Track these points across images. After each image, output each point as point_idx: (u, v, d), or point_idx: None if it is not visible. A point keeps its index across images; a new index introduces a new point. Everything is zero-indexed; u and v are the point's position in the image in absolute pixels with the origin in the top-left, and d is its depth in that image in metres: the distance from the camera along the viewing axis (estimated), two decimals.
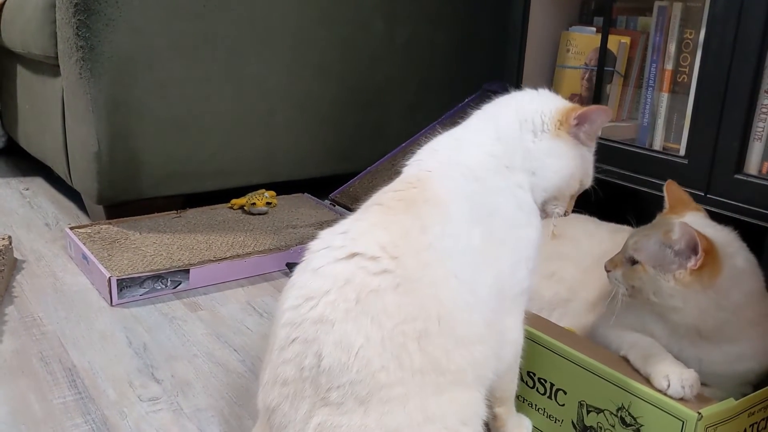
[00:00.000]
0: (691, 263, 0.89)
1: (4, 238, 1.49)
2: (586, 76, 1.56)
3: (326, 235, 0.87)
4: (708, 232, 0.92)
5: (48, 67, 1.74)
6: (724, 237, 0.95)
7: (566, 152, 0.93)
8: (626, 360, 0.93)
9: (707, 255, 0.88)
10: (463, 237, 0.84)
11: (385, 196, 0.89)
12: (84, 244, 1.50)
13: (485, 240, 0.86)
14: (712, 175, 1.24)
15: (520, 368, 0.98)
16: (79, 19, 1.49)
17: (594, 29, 1.56)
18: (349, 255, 0.81)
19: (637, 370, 0.91)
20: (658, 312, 0.94)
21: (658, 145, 1.42)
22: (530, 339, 0.98)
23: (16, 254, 1.55)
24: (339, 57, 1.86)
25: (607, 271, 0.99)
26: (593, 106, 0.92)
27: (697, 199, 1.25)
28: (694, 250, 0.89)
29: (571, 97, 1.59)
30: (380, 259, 0.80)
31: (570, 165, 0.93)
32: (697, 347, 0.93)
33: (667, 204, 1.04)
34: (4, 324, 1.27)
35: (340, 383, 0.77)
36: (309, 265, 0.84)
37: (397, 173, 0.94)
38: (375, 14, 1.88)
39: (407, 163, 0.95)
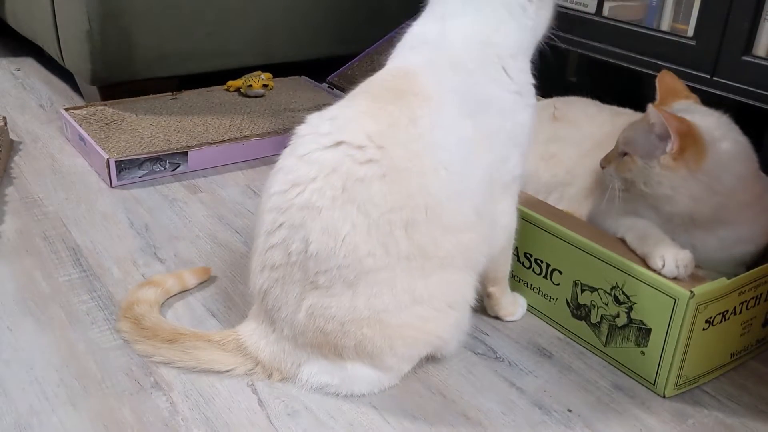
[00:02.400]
0: (669, 147, 0.89)
1: None
2: None
3: (314, 120, 0.86)
4: (694, 118, 0.92)
5: None
6: (712, 122, 0.94)
7: None
8: (623, 241, 0.95)
9: (685, 137, 0.89)
10: (454, 129, 0.84)
11: (373, 85, 0.87)
12: (80, 125, 1.48)
13: (477, 131, 0.85)
14: (719, 56, 1.21)
15: (517, 249, 1.00)
16: None
17: None
18: (335, 143, 0.80)
19: (633, 251, 0.93)
20: (652, 204, 0.94)
21: (666, 25, 1.38)
22: (527, 221, 1.00)
23: (12, 135, 1.54)
24: None
25: (602, 168, 1.00)
26: None
27: (703, 82, 1.23)
28: (669, 134, 0.89)
29: None
30: (366, 148, 0.79)
31: None
32: (692, 235, 0.94)
33: (658, 95, 1.03)
34: (5, 204, 1.27)
35: (328, 267, 0.79)
36: (295, 150, 0.84)
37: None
38: None
39: (394, 53, 0.92)
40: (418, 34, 0.91)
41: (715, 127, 0.92)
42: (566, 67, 1.71)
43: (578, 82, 1.70)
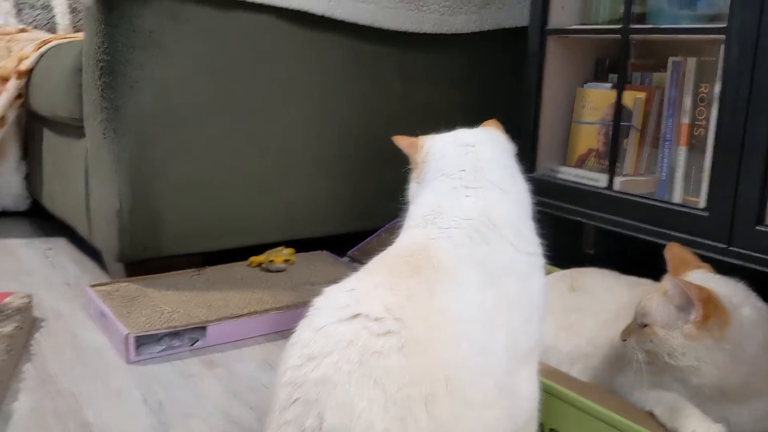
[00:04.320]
0: (693, 315, 0.88)
1: (24, 297, 1.50)
2: (603, 131, 1.57)
3: (330, 292, 0.86)
4: (711, 285, 0.91)
5: (73, 129, 1.79)
6: (729, 288, 0.94)
7: None
8: (652, 415, 0.91)
9: (707, 304, 0.87)
10: (475, 301, 0.83)
11: (390, 258, 0.89)
12: (103, 301, 1.50)
13: (498, 301, 0.85)
14: (733, 227, 1.22)
15: (542, 425, 0.96)
16: (104, 81, 1.54)
17: (609, 85, 1.58)
18: (352, 315, 0.79)
19: (663, 426, 0.88)
20: (679, 377, 0.91)
21: (677, 198, 1.41)
22: (551, 394, 0.96)
23: (35, 313, 1.56)
24: (358, 117, 1.89)
25: (623, 340, 0.98)
26: None
27: (719, 252, 1.24)
28: (692, 302, 0.88)
29: (589, 152, 1.60)
30: (384, 319, 0.78)
31: None
32: (723, 408, 0.90)
33: (669, 267, 1.03)
34: (21, 381, 1.26)
35: None
36: (312, 322, 0.83)
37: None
38: (393, 75, 1.92)
39: (406, 225, 0.95)
40: (429, 207, 0.93)
41: (734, 293, 0.91)
42: (582, 239, 1.73)
43: (595, 255, 1.71)
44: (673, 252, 1.04)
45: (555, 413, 0.96)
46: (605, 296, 1.14)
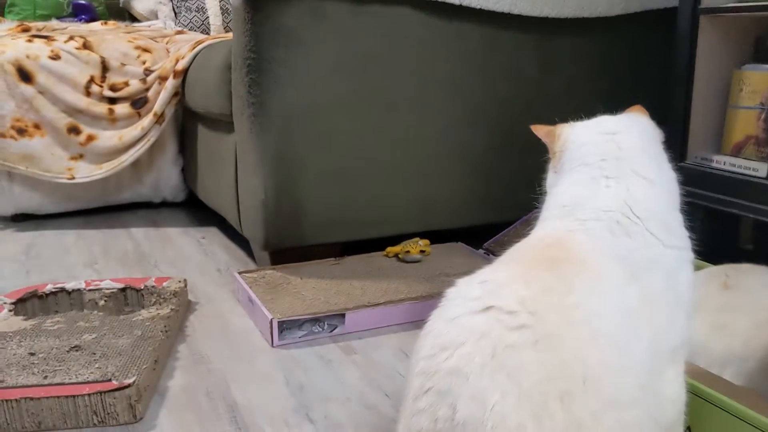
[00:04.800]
0: None
1: (180, 281, 1.61)
2: (763, 116, 1.45)
3: (463, 284, 0.85)
4: None
5: (224, 124, 1.90)
6: None
7: None
8: None
9: None
10: (617, 297, 0.80)
11: (525, 251, 0.87)
12: (250, 287, 1.58)
13: (641, 298, 0.80)
14: None
15: (689, 429, 0.90)
16: (251, 78, 1.62)
17: None
18: (485, 307, 0.78)
19: None
20: None
21: None
22: (700, 396, 0.90)
23: (189, 296, 1.67)
24: (493, 106, 1.87)
25: None
26: None
27: None
28: None
29: (746, 139, 1.48)
30: (518, 313, 0.76)
31: None
32: None
33: None
34: (176, 360, 1.36)
35: None
36: (444, 313, 0.82)
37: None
38: (531, 62, 1.88)
39: (542, 216, 0.92)
40: (567, 197, 0.90)
41: None
42: (738, 233, 1.61)
43: (753, 250, 1.59)
44: None
45: (704, 417, 0.90)
46: (764, 295, 1.05)
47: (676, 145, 1.50)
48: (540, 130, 1.03)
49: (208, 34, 3.15)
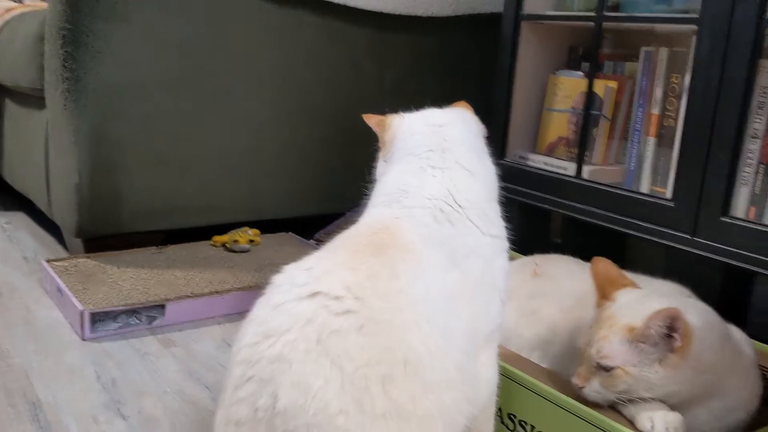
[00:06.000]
0: (677, 343, 0.84)
1: None
2: (573, 119, 1.56)
3: (290, 270, 0.84)
4: (653, 304, 0.87)
5: (34, 99, 1.73)
6: (672, 299, 0.91)
7: None
8: None
9: (685, 328, 0.84)
10: (437, 284, 0.82)
11: (352, 238, 0.87)
12: (60, 277, 1.46)
13: (460, 283, 0.83)
14: (698, 218, 1.22)
15: (500, 410, 0.95)
16: (66, 51, 1.49)
17: (581, 74, 1.57)
18: (312, 293, 0.77)
19: (620, 412, 0.88)
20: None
21: (645, 188, 1.41)
22: (511, 379, 0.95)
23: None
24: (327, 97, 1.86)
25: (580, 388, 0.90)
26: None
27: (684, 242, 1.24)
28: (674, 330, 0.84)
29: (558, 140, 1.59)
30: (344, 298, 0.76)
31: None
32: (683, 410, 0.88)
33: (596, 288, 0.97)
34: None
35: (296, 425, 0.72)
36: (270, 300, 0.81)
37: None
38: (365, 57, 1.90)
39: (370, 204, 0.93)
40: (394, 185, 0.91)
41: (683, 306, 0.87)
42: (549, 227, 1.73)
43: (562, 243, 1.71)
44: (598, 269, 0.98)
45: (514, 398, 0.96)
46: (569, 282, 1.13)
47: (497, 143, 1.58)
48: (371, 120, 1.04)
49: (20, 2, 2.88)
